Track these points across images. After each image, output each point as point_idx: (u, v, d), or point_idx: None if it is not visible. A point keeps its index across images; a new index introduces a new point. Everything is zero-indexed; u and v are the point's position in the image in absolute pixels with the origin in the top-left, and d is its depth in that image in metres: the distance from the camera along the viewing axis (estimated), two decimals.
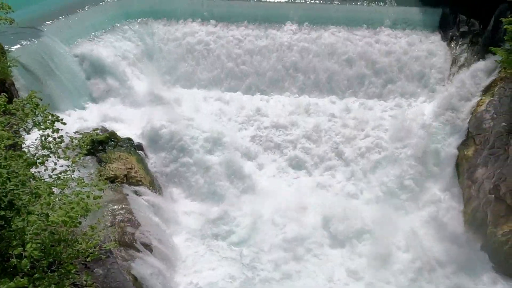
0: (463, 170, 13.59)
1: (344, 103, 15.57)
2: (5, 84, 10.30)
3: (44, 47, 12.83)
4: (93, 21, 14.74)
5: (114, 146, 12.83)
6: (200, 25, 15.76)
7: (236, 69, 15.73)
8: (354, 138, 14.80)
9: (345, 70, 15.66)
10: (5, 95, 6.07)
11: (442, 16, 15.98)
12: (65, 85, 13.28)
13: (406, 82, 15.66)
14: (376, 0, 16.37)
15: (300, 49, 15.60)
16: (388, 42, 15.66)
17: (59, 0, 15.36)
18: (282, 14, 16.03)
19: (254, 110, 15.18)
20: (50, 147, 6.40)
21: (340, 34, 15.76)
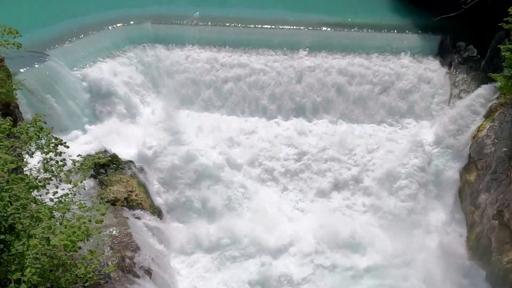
0: (466, 195, 13.53)
1: (342, 127, 15.64)
2: (10, 106, 10.39)
3: (49, 70, 13.01)
4: (97, 45, 14.98)
5: (115, 169, 12.86)
6: (205, 51, 15.95)
7: (239, 94, 15.87)
8: (353, 162, 14.81)
9: (342, 94, 15.80)
10: (10, 118, 6.13)
11: (440, 43, 16.27)
12: (69, 107, 13.40)
13: (406, 106, 15.79)
14: (374, 28, 16.68)
15: (299, 74, 15.75)
16: (387, 67, 15.86)
17: (65, 25, 15.66)
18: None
19: (264, 138, 15.29)
20: (52, 170, 6.42)
21: (339, 59, 15.96)
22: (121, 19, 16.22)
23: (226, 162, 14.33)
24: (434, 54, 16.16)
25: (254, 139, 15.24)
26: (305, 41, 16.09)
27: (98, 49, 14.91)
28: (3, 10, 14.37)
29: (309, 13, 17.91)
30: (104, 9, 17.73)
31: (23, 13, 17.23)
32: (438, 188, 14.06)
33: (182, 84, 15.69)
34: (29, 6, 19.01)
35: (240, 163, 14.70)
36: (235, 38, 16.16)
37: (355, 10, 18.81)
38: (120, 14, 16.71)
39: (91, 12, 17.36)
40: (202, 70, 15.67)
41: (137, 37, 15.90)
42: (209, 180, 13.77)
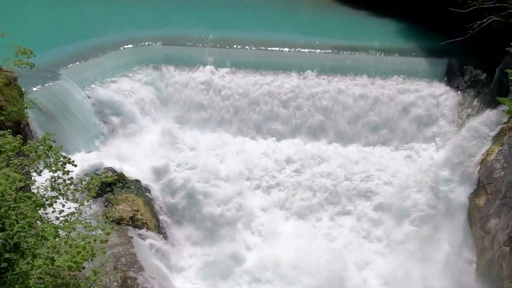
0: (475, 220, 13.30)
1: (348, 149, 15.58)
2: (20, 124, 10.57)
3: (60, 89, 13.25)
4: (108, 65, 15.26)
5: (121, 188, 12.88)
6: (214, 72, 16.14)
7: (247, 115, 15.99)
8: (360, 186, 14.68)
9: (346, 116, 15.82)
10: (20, 136, 6.21)
11: (448, 66, 16.35)
12: (78, 125, 13.56)
13: (414, 129, 15.76)
14: (381, 51, 16.85)
15: (307, 96, 15.85)
16: (393, 90, 15.93)
17: (78, 45, 16.03)
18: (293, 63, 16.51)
19: (272, 159, 15.26)
20: (59, 188, 6.44)
21: (344, 82, 16.07)
22: (132, 40, 16.58)
23: (234, 183, 14.27)
24: (441, 78, 16.24)
25: (263, 159, 15.24)
26: (312, 63, 16.28)
27: (108, 69, 15.19)
28: (19, 31, 14.73)
29: (316, 36, 18.19)
30: (115, 30, 18.19)
31: (37, 34, 17.71)
32: (447, 212, 13.83)
33: (191, 105, 15.82)
34: (43, 27, 19.57)
35: (248, 184, 14.66)
36: (244, 60, 16.38)
37: (361, 33, 19.09)
38: (131, 36, 17.09)
39: (103, 33, 17.78)
40: (212, 90, 15.82)
41: (147, 57, 16.19)
42: (216, 201, 13.70)
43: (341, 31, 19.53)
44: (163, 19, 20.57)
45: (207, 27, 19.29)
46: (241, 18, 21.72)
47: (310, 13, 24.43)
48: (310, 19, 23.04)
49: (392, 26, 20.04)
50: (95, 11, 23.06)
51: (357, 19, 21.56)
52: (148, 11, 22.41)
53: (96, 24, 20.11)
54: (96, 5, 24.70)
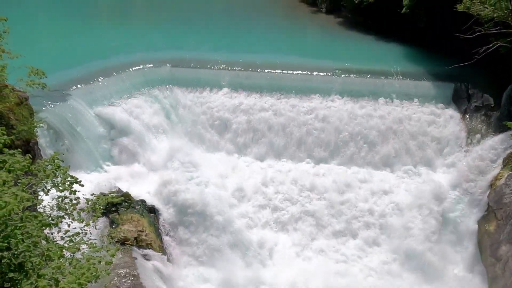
0: (486, 246, 13.00)
1: (357, 172, 15.48)
2: (30, 143, 10.67)
3: (69, 109, 13.45)
4: (117, 86, 15.50)
5: (127, 208, 12.84)
6: (222, 93, 16.33)
7: (255, 136, 16.04)
8: (367, 209, 14.49)
9: (358, 139, 15.79)
10: (29, 156, 6.27)
11: (454, 90, 16.40)
12: (86, 145, 13.66)
13: (421, 153, 15.67)
14: (388, 74, 16.96)
15: (314, 117, 15.90)
16: (401, 113, 15.93)
17: (88, 66, 16.36)
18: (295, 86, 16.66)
19: (280, 181, 15.19)
20: (65, 208, 6.45)
21: (351, 105, 16.12)
22: (141, 62, 16.91)
23: (242, 207, 14.22)
24: (448, 102, 16.26)
25: (271, 181, 15.16)
26: (319, 87, 16.42)
27: (117, 90, 15.42)
28: (32, 52, 15.08)
29: (323, 59, 18.43)
30: (125, 52, 18.60)
31: (50, 55, 18.14)
32: (456, 238, 13.57)
33: (199, 126, 15.94)
34: (56, 48, 20.06)
35: (257, 207, 14.56)
36: (251, 82, 16.58)
37: (368, 57, 19.32)
38: (140, 57, 17.45)
39: (112, 55, 18.19)
40: (219, 112, 15.97)
41: (155, 79, 16.46)
42: (223, 224, 13.55)
43: (348, 54, 19.77)
44: (171, 42, 21.02)
45: (215, 50, 19.66)
46: (249, 42, 22.10)
47: (318, 37, 24.85)
48: (317, 42, 23.41)
49: (399, 50, 20.28)
50: (106, 33, 23.68)
51: (364, 43, 21.85)
52: (157, 34, 22.93)
53: (106, 46, 20.60)
54: (107, 28, 25.38)
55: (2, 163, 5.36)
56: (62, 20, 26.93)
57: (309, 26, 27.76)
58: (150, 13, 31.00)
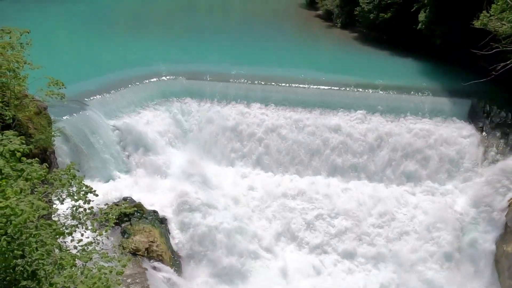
0: (503, 268, 12.62)
1: (372, 188, 15.27)
2: (47, 152, 10.87)
3: (86, 119, 13.70)
4: (134, 98, 15.77)
5: (139, 218, 12.90)
6: (236, 107, 16.45)
7: (271, 150, 16.00)
8: (380, 228, 14.23)
9: (373, 155, 15.62)
10: (46, 165, 6.38)
11: (471, 107, 16.17)
12: (102, 155, 13.86)
13: (436, 170, 15.40)
14: (404, 90, 16.86)
15: (340, 134, 15.82)
16: (417, 129, 15.73)
17: (106, 78, 16.72)
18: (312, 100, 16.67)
19: (293, 194, 15.10)
20: (79, 217, 6.51)
21: (371, 120, 16.01)
22: (157, 74, 17.21)
23: (254, 222, 14.13)
24: (465, 118, 16.03)
25: (286, 197, 15.06)
26: (333, 101, 16.40)
27: (133, 101, 15.69)
28: (53, 63, 15.47)
29: (337, 74, 18.43)
30: (142, 64, 18.95)
31: (69, 66, 18.59)
32: (472, 259, 13.20)
33: (214, 138, 16.02)
34: (75, 60, 20.56)
35: (269, 222, 14.45)
36: (266, 96, 16.66)
37: (383, 71, 19.25)
38: (156, 70, 17.74)
39: (129, 66, 18.56)
40: (234, 124, 16.03)
41: (171, 91, 16.70)
42: (233, 239, 13.46)
43: (363, 70, 19.74)
44: (187, 55, 21.33)
45: (230, 63, 19.86)
46: (264, 55, 22.28)
47: (333, 51, 24.93)
48: (333, 57, 23.48)
49: (414, 65, 20.18)
50: (123, 46, 24.19)
51: (379, 59, 21.83)
52: (173, 47, 23.33)
53: (124, 58, 21.03)
54: (124, 41, 25.92)
55: (20, 172, 5.47)
56: (82, 32, 27.67)
57: (324, 41, 27.90)
58: (167, 27, 31.56)
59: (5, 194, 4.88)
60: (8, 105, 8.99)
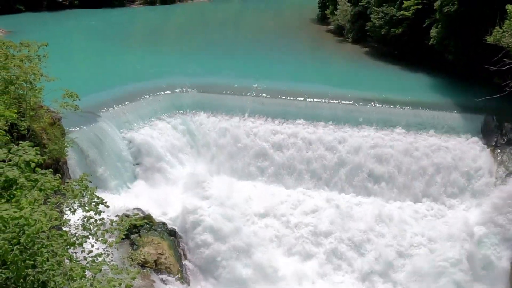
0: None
1: (382, 204, 15.01)
2: (59, 162, 11.01)
3: (99, 130, 13.87)
4: (146, 110, 15.96)
5: (148, 230, 12.90)
6: (247, 119, 16.47)
7: (282, 164, 15.89)
8: (391, 246, 13.96)
9: (383, 169, 15.45)
10: (59, 175, 6.46)
11: (484, 123, 15.98)
12: (113, 165, 13.98)
13: (448, 186, 15.15)
14: (415, 105, 16.75)
15: (347, 147, 15.68)
16: (428, 145, 15.56)
17: (119, 90, 16.97)
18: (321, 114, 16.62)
19: (308, 211, 14.90)
20: (90, 228, 6.54)
21: (378, 134, 15.90)
22: (169, 86, 17.41)
23: (264, 235, 13.98)
24: (478, 134, 15.83)
25: (299, 212, 14.88)
26: (342, 115, 16.34)
27: (145, 113, 15.86)
28: (69, 75, 15.80)
29: (348, 89, 18.41)
30: (154, 77, 19.23)
31: (84, 78, 18.94)
32: (486, 277, 12.85)
33: (224, 151, 16.02)
34: (90, 72, 20.95)
35: (280, 236, 14.29)
36: (277, 109, 16.64)
37: (394, 86, 19.20)
38: (168, 82, 17.97)
39: (143, 79, 18.84)
40: (244, 138, 16.02)
41: (182, 103, 16.85)
42: (244, 252, 13.33)
43: (375, 84, 19.72)
44: (199, 68, 21.57)
45: (242, 77, 20.03)
46: (275, 69, 22.43)
47: (343, 66, 25.00)
48: (344, 71, 23.53)
49: (426, 80, 20.09)
50: (137, 59, 24.62)
51: (391, 73, 21.80)
52: (186, 60, 23.64)
53: (137, 71, 21.38)
54: (138, 54, 26.39)
55: (34, 182, 5.54)
56: (97, 46, 28.28)
57: (336, 55, 28.01)
58: (180, 41, 32.07)
59: (20, 204, 4.94)
60: (23, 116, 9.17)
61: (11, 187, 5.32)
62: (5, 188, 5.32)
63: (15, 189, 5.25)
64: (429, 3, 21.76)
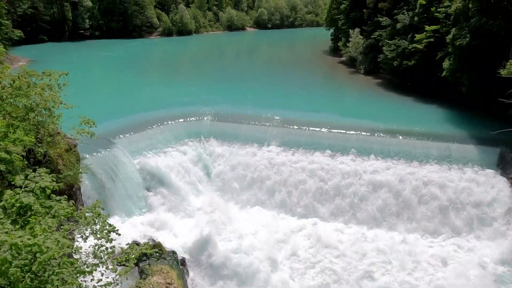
0: None
1: (394, 236, 14.57)
2: (73, 188, 11.11)
3: (113, 157, 14.02)
4: (159, 137, 16.16)
5: (157, 258, 12.73)
6: (263, 149, 16.48)
7: (296, 194, 15.69)
8: (405, 281, 13.43)
9: (396, 202, 15.14)
10: (73, 202, 6.50)
11: (500, 156, 15.68)
12: (125, 192, 14.02)
13: (464, 221, 14.68)
14: (430, 136, 16.59)
15: (363, 180, 15.43)
16: (443, 178, 15.25)
17: (133, 118, 17.32)
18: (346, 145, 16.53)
19: (323, 243, 14.46)
20: (101, 256, 6.50)
21: (395, 167, 15.69)
22: (183, 115, 17.71)
23: (277, 265, 13.61)
24: (494, 167, 15.49)
25: (310, 241, 14.54)
26: (355, 146, 16.26)
27: (159, 140, 16.05)
28: (86, 103, 16.21)
29: (362, 119, 18.43)
30: (169, 106, 19.60)
31: (101, 105, 19.39)
32: None
33: (237, 180, 15.96)
34: (107, 100, 21.46)
35: (293, 268, 13.88)
36: (291, 139, 16.66)
37: (407, 118, 19.13)
38: (183, 111, 18.30)
39: (157, 107, 19.21)
40: (257, 167, 15.96)
41: (196, 132, 17.06)
42: (255, 282, 12.96)
43: (388, 115, 19.69)
44: (214, 97, 21.95)
45: (255, 106, 20.26)
46: (290, 100, 22.64)
47: (356, 97, 25.15)
48: (357, 102, 23.65)
49: (440, 112, 20.01)
50: (153, 88, 25.21)
51: (404, 104, 21.81)
52: (201, 89, 24.12)
53: (152, 100, 21.84)
54: (154, 83, 27.03)
55: (49, 209, 5.58)
56: (116, 75, 29.15)
57: (349, 87, 28.27)
58: (195, 71, 32.88)
59: (33, 231, 4.96)
60: (41, 142, 9.36)
61: (26, 213, 5.37)
62: (20, 214, 5.37)
63: (30, 216, 5.29)
64: (441, 36, 22.04)
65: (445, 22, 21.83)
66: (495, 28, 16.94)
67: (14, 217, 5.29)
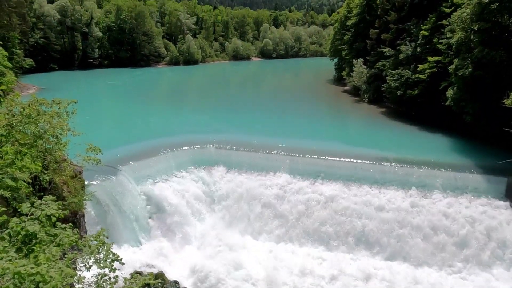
0: None
1: (412, 272, 14.04)
2: (77, 215, 11.04)
3: (117, 184, 14.01)
4: (164, 165, 16.16)
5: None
6: (267, 177, 16.38)
7: (301, 224, 15.42)
8: None
9: (394, 236, 14.79)
10: (77, 230, 6.44)
11: (507, 185, 15.46)
12: (129, 220, 13.90)
13: (473, 253, 14.21)
14: (436, 165, 16.47)
15: (369, 212, 15.24)
16: (451, 208, 14.95)
17: (139, 145, 17.44)
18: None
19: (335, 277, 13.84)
20: (103, 286, 6.37)
21: (402, 197, 15.50)
22: (188, 142, 17.78)
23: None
24: (502, 197, 15.24)
25: (316, 277, 14.12)
26: (359, 174, 16.16)
27: (164, 168, 16.05)
28: (93, 130, 16.40)
29: (367, 148, 18.41)
30: (174, 133, 19.77)
31: (108, 133, 19.56)
32: None
33: (240, 209, 15.78)
34: (113, 128, 21.67)
35: None
36: (297, 168, 16.55)
37: (413, 147, 19.09)
38: (187, 138, 18.41)
39: (162, 135, 19.37)
40: (262, 195, 15.80)
41: (200, 159, 17.07)
42: None
43: (392, 144, 19.69)
44: (218, 125, 22.15)
45: (260, 134, 20.37)
46: (294, 128, 22.77)
47: (362, 126, 25.25)
48: (362, 131, 23.72)
49: (444, 141, 19.96)
50: (158, 116, 25.49)
51: (408, 133, 21.82)
52: (205, 118, 24.36)
53: (157, 127, 22.05)
54: (160, 111, 27.34)
55: (54, 237, 5.53)
56: (123, 103, 29.58)
57: (353, 115, 28.44)
58: (200, 99, 33.35)
59: (37, 260, 4.90)
60: (47, 169, 9.39)
61: (31, 241, 5.32)
62: (25, 242, 5.32)
63: (35, 244, 5.24)
64: (444, 66, 22.28)
65: (447, 52, 22.15)
66: (497, 59, 17.15)
67: (19, 245, 5.24)
